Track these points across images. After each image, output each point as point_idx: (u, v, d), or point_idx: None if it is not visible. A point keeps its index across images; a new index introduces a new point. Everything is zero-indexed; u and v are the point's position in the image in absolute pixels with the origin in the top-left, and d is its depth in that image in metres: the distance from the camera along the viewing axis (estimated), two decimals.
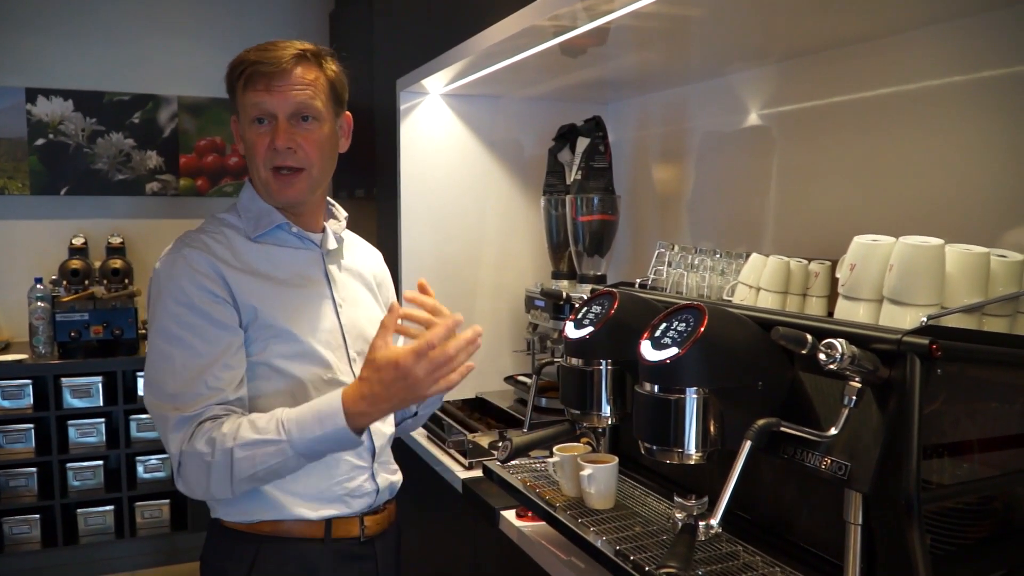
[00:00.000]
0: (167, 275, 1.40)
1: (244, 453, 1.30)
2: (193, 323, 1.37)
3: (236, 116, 1.51)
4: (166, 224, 4.21)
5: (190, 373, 1.35)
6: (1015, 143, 1.46)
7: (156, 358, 1.38)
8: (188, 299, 1.37)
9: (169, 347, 1.37)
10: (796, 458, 1.14)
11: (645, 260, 1.85)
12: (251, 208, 1.51)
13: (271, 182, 1.47)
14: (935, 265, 1.14)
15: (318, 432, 1.30)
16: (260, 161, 1.45)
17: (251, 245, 1.48)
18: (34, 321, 3.63)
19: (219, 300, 1.40)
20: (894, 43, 1.66)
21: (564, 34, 1.78)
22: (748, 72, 2.10)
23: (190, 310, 1.37)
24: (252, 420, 1.33)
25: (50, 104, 3.97)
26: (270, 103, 1.43)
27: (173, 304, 1.37)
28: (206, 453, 1.30)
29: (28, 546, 3.57)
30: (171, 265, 1.40)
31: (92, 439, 3.64)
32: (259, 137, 1.44)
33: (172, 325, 1.37)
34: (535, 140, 2.70)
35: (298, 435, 1.30)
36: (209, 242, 1.45)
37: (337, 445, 1.32)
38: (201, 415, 1.34)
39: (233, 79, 1.46)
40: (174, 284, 1.38)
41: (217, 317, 1.39)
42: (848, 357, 1.02)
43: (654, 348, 1.20)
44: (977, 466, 1.14)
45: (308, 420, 1.30)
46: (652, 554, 1.31)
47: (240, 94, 1.45)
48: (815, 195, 1.90)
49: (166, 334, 1.37)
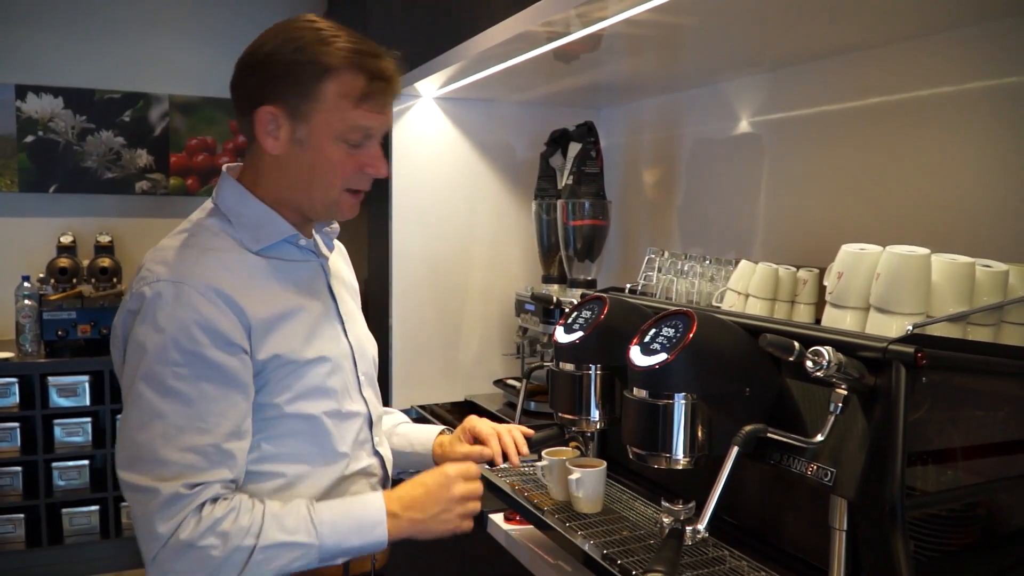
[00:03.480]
0: (167, 311, 1.13)
1: (264, 555, 1.13)
2: (199, 377, 1.12)
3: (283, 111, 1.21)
4: (155, 223, 4.19)
5: (187, 439, 1.11)
6: (1003, 154, 1.48)
7: (142, 414, 1.12)
8: (196, 347, 1.12)
9: (162, 402, 1.11)
10: (782, 464, 1.15)
11: (635, 265, 1.86)
12: (245, 213, 1.26)
13: (342, 203, 1.27)
14: (921, 274, 1.16)
15: (356, 543, 1.19)
16: (339, 181, 1.25)
17: (254, 261, 1.24)
18: (21, 319, 3.61)
19: (235, 350, 1.16)
20: (884, 54, 1.68)
21: (557, 40, 1.79)
22: (739, 80, 2.11)
23: (196, 361, 1.12)
24: (277, 516, 1.15)
25: (40, 101, 3.95)
26: (377, 126, 1.25)
27: (174, 350, 1.11)
28: (212, 546, 1.09)
29: (12, 546, 3.54)
30: (174, 299, 1.13)
31: (78, 439, 3.61)
32: (348, 157, 1.23)
33: (168, 375, 1.11)
34: (527, 144, 2.71)
35: (332, 542, 1.17)
36: (215, 265, 1.19)
37: (366, 551, 1.23)
38: (198, 495, 1.11)
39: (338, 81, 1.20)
40: (177, 324, 1.12)
41: (231, 373, 1.15)
42: (834, 364, 1.03)
43: (643, 353, 1.21)
44: (961, 473, 1.15)
45: (345, 527, 1.19)
46: (639, 558, 1.31)
47: (341, 101, 1.20)
48: (804, 203, 1.92)
49: (159, 385, 1.11)
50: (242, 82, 1.25)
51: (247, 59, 1.25)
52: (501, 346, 2.73)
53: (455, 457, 1.47)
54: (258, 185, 1.28)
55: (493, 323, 2.73)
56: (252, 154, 1.28)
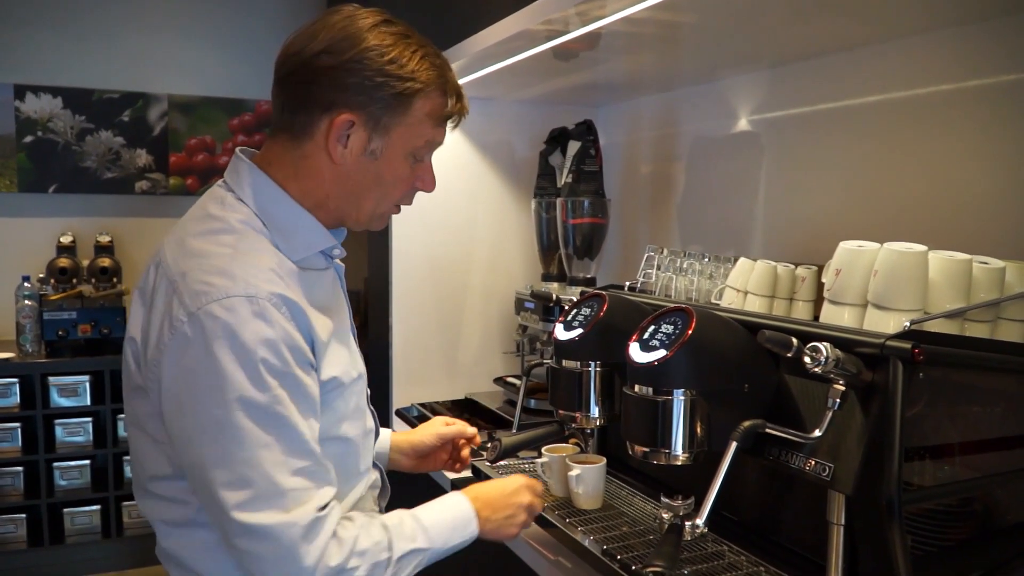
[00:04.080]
0: (249, 329, 1.01)
1: (398, 567, 1.13)
2: (292, 398, 1.05)
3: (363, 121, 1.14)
4: (155, 223, 4.20)
5: (296, 462, 1.04)
6: (1000, 151, 1.49)
7: (243, 446, 1.01)
8: (286, 368, 1.04)
9: (264, 431, 1.01)
10: (781, 459, 1.16)
11: (635, 263, 1.87)
12: (279, 216, 1.16)
13: (388, 215, 1.26)
14: (918, 271, 1.16)
15: (456, 541, 1.22)
16: (397, 195, 1.22)
17: (296, 272, 1.14)
18: (21, 319, 3.62)
19: (309, 368, 1.09)
20: (882, 51, 1.69)
21: (557, 38, 1.79)
22: (738, 78, 2.12)
23: (287, 382, 1.04)
24: (395, 526, 1.16)
25: (39, 101, 3.95)
26: (441, 144, 1.25)
27: (267, 373, 1.02)
28: (355, 568, 1.07)
29: (14, 545, 3.54)
30: (255, 316, 1.02)
31: (79, 438, 3.62)
32: (411, 172, 1.21)
33: (265, 400, 1.01)
34: (526, 143, 2.71)
35: (440, 543, 1.20)
36: (275, 275, 1.08)
37: (456, 550, 1.24)
38: (329, 518, 1.06)
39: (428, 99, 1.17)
40: (265, 344, 1.02)
41: (310, 391, 1.08)
42: (832, 360, 1.04)
43: (642, 350, 1.22)
44: (958, 468, 1.16)
45: (445, 527, 1.21)
46: (639, 554, 1.32)
47: (426, 119, 1.18)
48: (803, 200, 1.92)
49: (257, 412, 1.01)
50: (310, 79, 1.13)
51: (320, 58, 1.12)
52: (501, 344, 2.73)
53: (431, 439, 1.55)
54: (294, 186, 1.17)
55: (493, 321, 2.73)
56: (299, 153, 1.16)
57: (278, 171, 1.17)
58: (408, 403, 2.56)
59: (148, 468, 1.14)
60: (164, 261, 1.11)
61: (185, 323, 1.02)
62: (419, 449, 1.55)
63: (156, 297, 1.09)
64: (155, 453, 1.12)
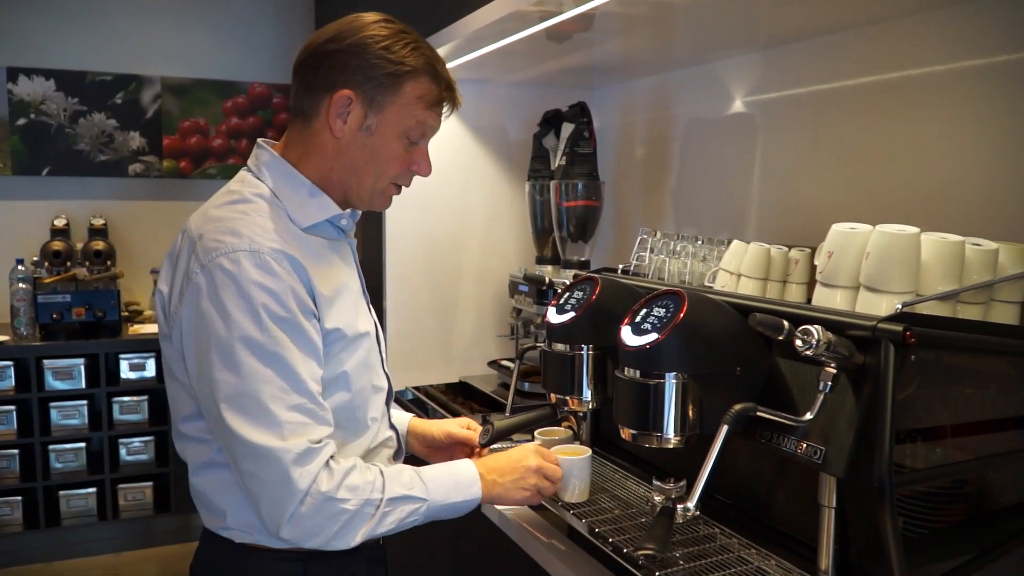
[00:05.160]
0: (251, 278, 1.16)
1: (391, 508, 1.21)
2: (291, 340, 1.17)
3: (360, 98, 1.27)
4: (149, 205, 4.18)
5: (293, 398, 1.16)
6: (994, 132, 1.48)
7: (243, 379, 1.15)
8: (289, 314, 1.17)
9: (265, 367, 1.15)
10: (772, 442, 1.16)
11: (629, 246, 1.86)
12: (292, 191, 1.30)
13: (387, 194, 1.36)
14: (910, 253, 1.16)
15: (456, 498, 1.29)
16: (391, 172, 1.33)
17: (303, 237, 1.28)
18: (15, 303, 3.61)
19: (311, 316, 1.21)
20: (877, 32, 1.68)
21: (550, 19, 1.78)
22: (733, 59, 2.10)
23: (287, 326, 1.17)
24: (391, 472, 1.25)
25: (32, 83, 3.92)
26: (435, 131, 1.35)
27: (266, 316, 1.15)
28: (345, 500, 1.17)
29: (10, 528, 3.56)
30: (257, 267, 1.17)
31: (74, 421, 3.62)
32: (405, 152, 1.32)
33: (265, 341, 1.15)
34: (520, 125, 2.70)
35: (440, 497, 1.27)
36: (280, 236, 1.23)
37: (459, 512, 1.31)
38: (323, 450, 1.17)
39: (418, 83, 1.29)
40: (265, 291, 1.16)
41: (312, 337, 1.21)
42: (824, 343, 1.03)
43: (634, 334, 1.21)
44: (950, 451, 1.16)
45: (447, 484, 1.29)
46: (631, 536, 1.33)
47: (416, 101, 1.29)
48: (797, 182, 1.92)
49: (257, 349, 1.15)
50: (318, 63, 1.28)
51: (327, 45, 1.28)
52: (495, 327, 2.73)
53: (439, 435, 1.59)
54: (305, 163, 1.31)
55: (487, 304, 2.73)
56: (309, 131, 1.31)
57: (292, 152, 1.33)
58: (403, 386, 2.57)
59: (180, 409, 1.29)
60: (189, 227, 1.26)
61: (199, 274, 1.18)
62: (427, 439, 1.59)
63: (180, 256, 1.25)
64: (182, 394, 1.27)
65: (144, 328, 3.82)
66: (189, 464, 1.30)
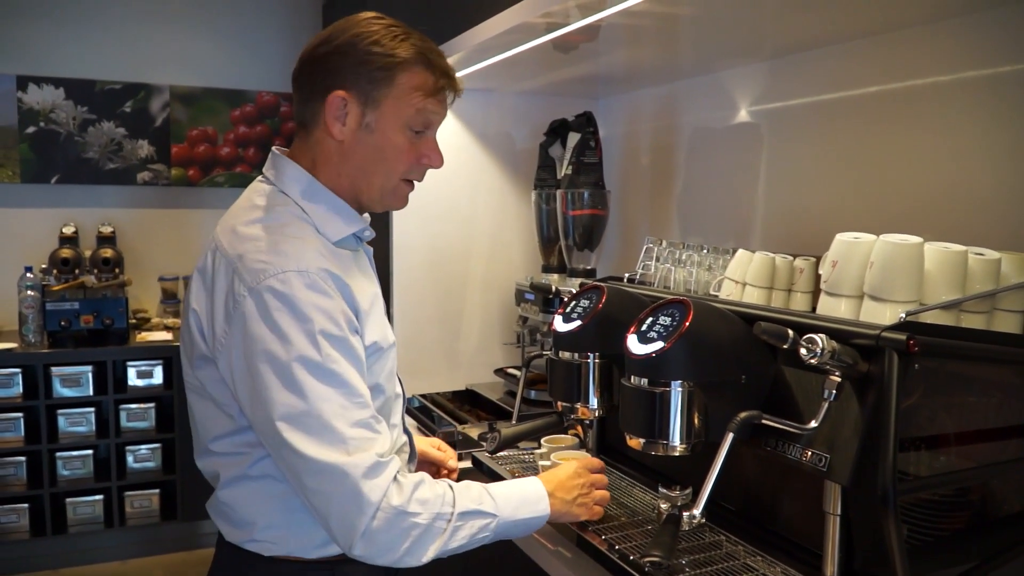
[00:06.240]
0: (304, 298, 1.14)
1: (462, 522, 1.19)
2: (346, 357, 1.16)
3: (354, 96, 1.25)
4: (157, 213, 4.20)
5: (355, 414, 1.14)
6: (997, 142, 1.49)
7: (306, 398, 1.12)
8: (341, 330, 1.16)
9: (325, 386, 1.13)
10: (777, 450, 1.16)
11: (634, 255, 1.87)
12: (316, 203, 1.28)
13: (399, 192, 1.33)
14: (914, 263, 1.17)
15: (526, 515, 1.27)
16: (400, 167, 1.30)
17: (335, 251, 1.26)
18: (24, 310, 3.63)
19: (356, 333, 1.20)
20: (881, 42, 1.69)
21: (556, 31, 1.80)
22: (737, 69, 2.12)
23: (339, 344, 1.16)
24: (460, 487, 1.22)
25: (41, 92, 3.95)
26: (439, 118, 1.31)
27: (321, 336, 1.14)
28: (416, 514, 1.14)
29: (17, 535, 3.56)
30: (309, 287, 1.15)
31: (82, 428, 3.63)
32: (411, 145, 1.29)
33: (322, 359, 1.13)
34: (526, 134, 2.71)
35: (508, 513, 1.24)
36: (319, 253, 1.21)
37: (528, 530, 1.30)
38: (390, 464, 1.15)
39: (411, 73, 1.26)
40: (319, 311, 1.15)
41: (359, 355, 1.20)
42: (828, 352, 1.04)
43: (640, 342, 1.22)
44: (953, 459, 1.17)
45: (515, 500, 1.26)
46: (637, 543, 1.33)
47: (412, 91, 1.26)
48: (802, 192, 1.93)
49: (317, 369, 1.13)
50: (311, 70, 1.28)
51: (317, 49, 1.28)
52: (501, 335, 2.74)
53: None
54: (317, 172, 1.30)
55: (493, 312, 2.74)
56: (312, 141, 1.30)
57: (304, 162, 1.31)
58: (409, 394, 2.57)
59: (211, 430, 1.26)
60: (220, 247, 1.23)
61: (247, 297, 1.15)
62: None
63: (217, 278, 1.21)
64: (218, 415, 1.24)
65: (152, 336, 3.83)
66: (220, 478, 1.27)
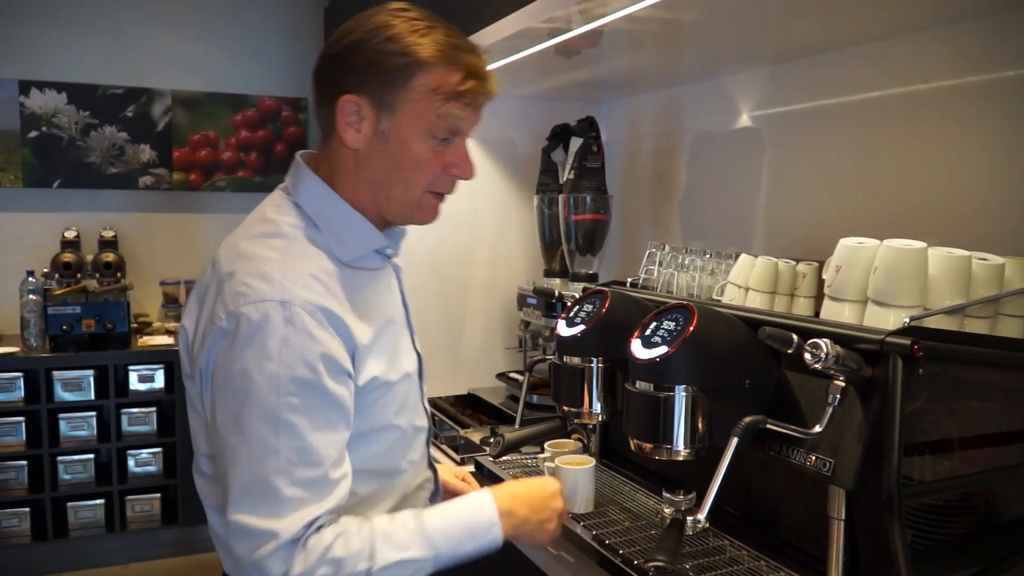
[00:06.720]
0: (278, 337, 1.04)
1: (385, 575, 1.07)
2: (311, 408, 1.05)
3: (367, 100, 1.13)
4: (159, 218, 4.21)
5: (300, 472, 1.04)
6: (1000, 148, 1.49)
7: (252, 450, 1.03)
8: (312, 377, 1.05)
9: (275, 437, 1.03)
10: (782, 455, 1.16)
11: (636, 259, 1.88)
12: (332, 217, 1.17)
13: (424, 205, 1.20)
14: (918, 268, 1.17)
15: (470, 547, 1.14)
16: (421, 179, 1.17)
17: (346, 274, 1.15)
18: (25, 314, 3.63)
19: (344, 378, 1.09)
20: (883, 48, 1.69)
21: (559, 36, 1.80)
22: (740, 74, 2.12)
23: (310, 392, 1.05)
24: (387, 533, 1.09)
25: (43, 97, 3.96)
26: (469, 123, 1.17)
27: (289, 382, 1.03)
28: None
29: (18, 539, 3.55)
30: (286, 324, 1.04)
31: (83, 433, 3.63)
32: (435, 154, 1.15)
33: (283, 408, 1.03)
34: (529, 139, 2.72)
35: (448, 551, 1.12)
36: (319, 282, 1.10)
37: (481, 554, 1.17)
38: (308, 536, 1.04)
39: (430, 75, 1.12)
40: (292, 353, 1.04)
41: (340, 401, 1.08)
42: (832, 357, 1.05)
43: (644, 347, 1.22)
44: (957, 463, 1.17)
45: (457, 533, 1.13)
46: (641, 548, 1.33)
47: (432, 95, 1.13)
48: (804, 197, 1.93)
49: (271, 418, 1.03)
50: (325, 70, 1.17)
51: (332, 47, 1.17)
52: (504, 340, 2.74)
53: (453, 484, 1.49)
54: (335, 182, 1.19)
55: (495, 317, 2.74)
56: (330, 148, 1.19)
57: (323, 171, 1.20)
58: None
59: (200, 446, 1.20)
60: (218, 261, 1.15)
61: (223, 319, 1.07)
62: None
63: (208, 293, 1.13)
64: (205, 433, 1.16)
65: (153, 340, 3.83)
66: (206, 505, 1.20)
